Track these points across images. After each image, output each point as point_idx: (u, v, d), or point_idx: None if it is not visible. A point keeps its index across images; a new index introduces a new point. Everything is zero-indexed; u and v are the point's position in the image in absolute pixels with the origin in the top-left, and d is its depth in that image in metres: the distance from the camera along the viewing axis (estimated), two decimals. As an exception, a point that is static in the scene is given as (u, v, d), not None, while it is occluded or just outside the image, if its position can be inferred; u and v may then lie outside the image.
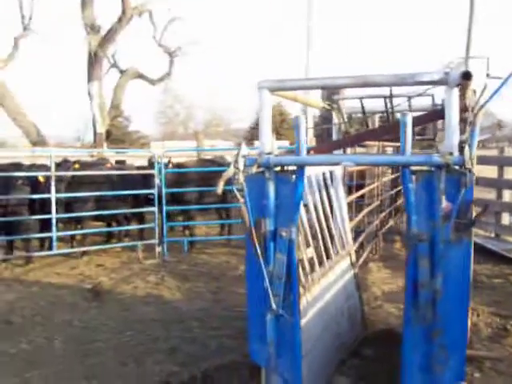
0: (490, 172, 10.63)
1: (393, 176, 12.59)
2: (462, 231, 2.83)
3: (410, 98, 4.38)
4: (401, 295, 7.36)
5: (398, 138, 7.66)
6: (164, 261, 9.43)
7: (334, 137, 5.24)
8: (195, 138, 18.47)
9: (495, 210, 10.35)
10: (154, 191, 9.56)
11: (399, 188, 13.53)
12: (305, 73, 13.08)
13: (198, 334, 5.72)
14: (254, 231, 3.06)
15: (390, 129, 3.63)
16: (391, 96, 4.14)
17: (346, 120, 5.07)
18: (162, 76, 31.07)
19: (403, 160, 2.83)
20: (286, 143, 22.49)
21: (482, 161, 9.32)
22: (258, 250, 3.05)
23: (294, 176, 3.09)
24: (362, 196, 8.84)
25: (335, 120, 5.12)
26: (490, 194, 10.96)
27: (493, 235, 10.66)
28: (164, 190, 9.64)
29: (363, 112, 4.84)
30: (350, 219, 5.91)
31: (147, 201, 9.93)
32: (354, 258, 5.43)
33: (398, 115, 4.86)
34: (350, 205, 6.84)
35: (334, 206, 5.02)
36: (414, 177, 2.89)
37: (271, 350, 3.19)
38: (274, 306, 3.11)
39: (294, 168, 3.12)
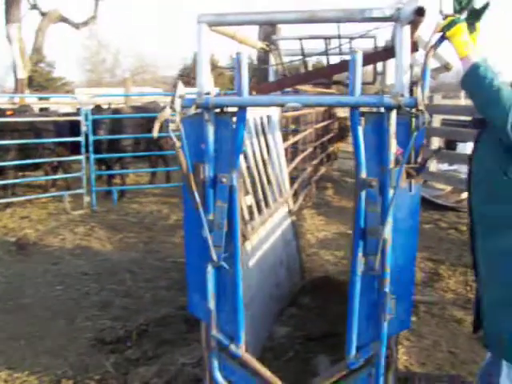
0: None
1: (325, 122, 12.56)
2: (413, 176, 2.71)
3: (351, 39, 4.20)
4: (336, 242, 7.42)
5: (330, 84, 7.44)
6: (93, 211, 9.06)
7: (271, 80, 5.02)
8: (123, 85, 17.70)
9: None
10: (81, 138, 9.07)
11: (331, 135, 13.58)
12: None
13: (131, 286, 5.52)
14: (192, 178, 2.84)
15: (338, 68, 3.45)
16: (339, 36, 3.94)
17: (283, 62, 4.85)
18: (87, 20, 29.57)
19: (352, 101, 2.64)
20: (217, 90, 22.14)
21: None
22: (197, 198, 2.83)
23: (234, 118, 2.88)
24: (295, 142, 8.73)
25: (272, 62, 4.90)
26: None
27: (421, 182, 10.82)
28: (91, 138, 9.17)
29: (302, 53, 4.64)
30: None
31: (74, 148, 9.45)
32: (291, 205, 5.31)
33: (340, 57, 4.70)
34: (285, 151, 6.71)
35: (271, 152, 4.85)
36: (362, 120, 2.73)
37: (211, 303, 3.02)
38: (214, 256, 2.92)
39: (235, 110, 2.90)
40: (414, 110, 2.59)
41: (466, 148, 11.46)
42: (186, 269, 3.11)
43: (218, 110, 2.90)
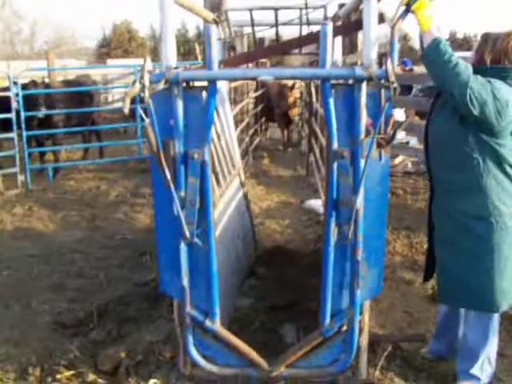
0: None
1: (258, 93, 12.55)
2: (383, 147, 2.77)
3: (301, 9, 4.20)
4: (280, 211, 7.49)
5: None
6: (28, 190, 8.71)
7: (220, 52, 4.96)
8: (46, 58, 16.96)
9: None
10: (12, 115, 8.66)
11: (263, 105, 13.58)
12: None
13: (82, 266, 5.37)
14: (161, 155, 2.79)
15: (308, 40, 3.44)
16: (306, 6, 3.92)
17: (233, 34, 4.80)
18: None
19: (325, 73, 2.65)
20: (136, 61, 21.55)
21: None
22: (168, 175, 2.79)
23: (204, 92, 2.83)
24: (236, 113, 8.69)
25: (221, 35, 4.83)
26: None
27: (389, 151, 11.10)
28: (23, 114, 8.78)
29: (252, 25, 4.60)
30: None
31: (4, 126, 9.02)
32: (243, 177, 5.30)
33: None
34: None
35: (223, 124, 4.81)
36: (333, 91, 2.75)
37: (185, 281, 3.00)
38: (187, 233, 2.90)
39: (203, 84, 2.85)
40: (383, 81, 2.63)
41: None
42: (157, 247, 3.08)
43: (185, 85, 2.85)
